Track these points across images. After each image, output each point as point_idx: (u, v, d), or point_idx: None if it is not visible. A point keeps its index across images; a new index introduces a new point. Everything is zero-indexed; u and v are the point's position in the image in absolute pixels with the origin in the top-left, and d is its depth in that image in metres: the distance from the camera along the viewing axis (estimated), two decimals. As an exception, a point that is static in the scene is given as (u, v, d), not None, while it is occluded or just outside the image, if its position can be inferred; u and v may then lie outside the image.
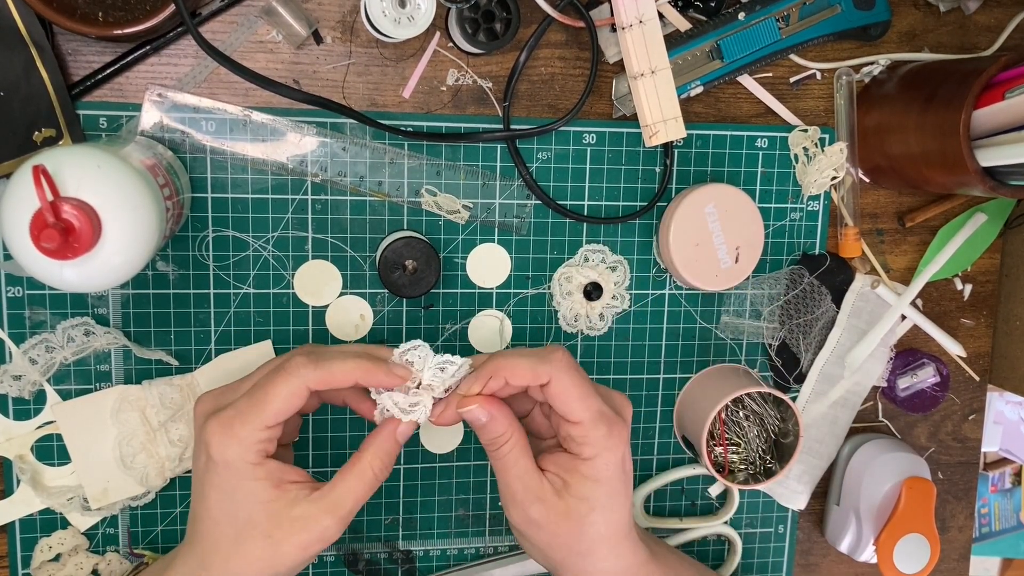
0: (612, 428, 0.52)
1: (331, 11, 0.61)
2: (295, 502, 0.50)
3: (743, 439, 0.68)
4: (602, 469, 0.52)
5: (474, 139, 0.63)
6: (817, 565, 0.76)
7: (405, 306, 0.65)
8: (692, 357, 0.70)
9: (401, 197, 0.63)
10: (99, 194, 0.47)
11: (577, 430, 0.52)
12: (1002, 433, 0.93)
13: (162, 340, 0.62)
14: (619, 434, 0.52)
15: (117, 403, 0.61)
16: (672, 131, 0.63)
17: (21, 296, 0.60)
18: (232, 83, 0.60)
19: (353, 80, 0.62)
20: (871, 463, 0.70)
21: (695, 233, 0.63)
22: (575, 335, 0.68)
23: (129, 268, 0.49)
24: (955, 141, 0.57)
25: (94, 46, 0.58)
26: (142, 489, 0.62)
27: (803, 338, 0.69)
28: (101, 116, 0.59)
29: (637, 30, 0.61)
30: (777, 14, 0.64)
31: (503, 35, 0.60)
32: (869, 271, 0.71)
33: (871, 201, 0.71)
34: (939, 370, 0.72)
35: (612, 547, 0.54)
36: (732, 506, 0.71)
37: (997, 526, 1.02)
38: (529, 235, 0.65)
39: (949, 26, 0.69)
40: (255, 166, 0.61)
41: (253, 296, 0.63)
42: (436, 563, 0.69)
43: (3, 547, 0.63)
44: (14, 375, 0.60)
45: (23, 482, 0.61)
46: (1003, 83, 0.57)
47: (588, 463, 0.52)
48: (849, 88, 0.67)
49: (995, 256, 0.73)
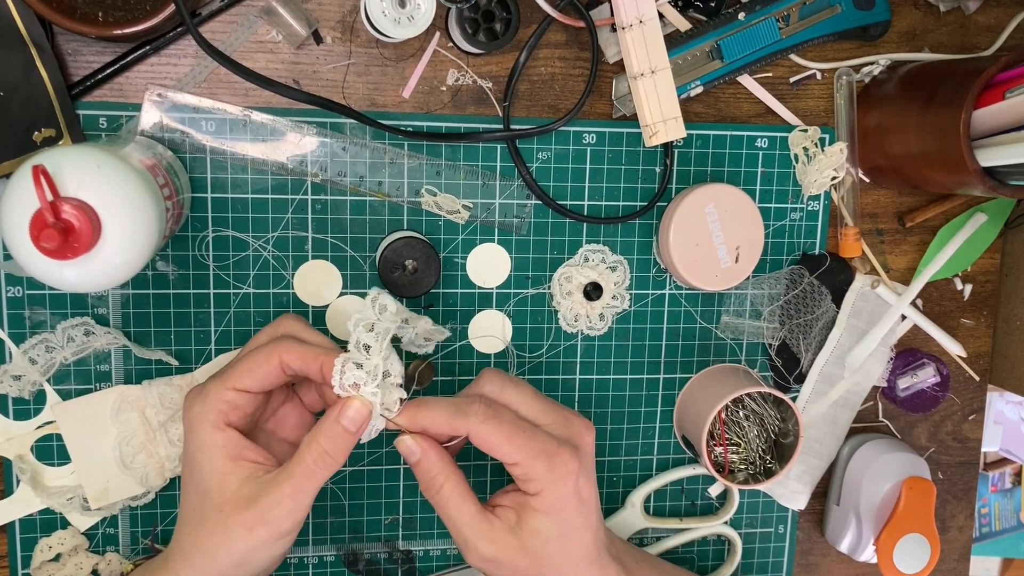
0: (553, 462, 0.51)
1: (331, 11, 0.61)
2: (246, 480, 0.50)
3: (743, 439, 0.68)
4: (551, 502, 0.52)
5: (474, 139, 0.63)
6: (817, 565, 0.76)
7: (405, 306, 0.65)
8: (692, 357, 0.70)
9: (401, 197, 0.63)
10: (99, 194, 0.47)
11: (516, 470, 0.52)
12: (1002, 433, 0.93)
13: (162, 340, 0.62)
14: (564, 465, 0.52)
15: (117, 403, 0.61)
16: (672, 131, 0.63)
17: (21, 296, 0.60)
18: (232, 83, 0.60)
19: (353, 80, 0.62)
20: (871, 463, 0.70)
21: (695, 233, 0.63)
22: (575, 335, 0.68)
23: (129, 268, 0.49)
24: (955, 141, 0.57)
25: (94, 46, 0.58)
26: (142, 489, 0.62)
27: (803, 338, 0.69)
28: (101, 116, 0.59)
29: (637, 30, 0.61)
30: (777, 14, 0.64)
31: (503, 35, 0.60)
32: (869, 271, 0.71)
33: (871, 201, 0.71)
34: (939, 370, 0.72)
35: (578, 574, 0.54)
36: (732, 506, 0.71)
37: (997, 526, 1.02)
38: (529, 235, 0.65)
39: (949, 26, 0.69)
40: (255, 166, 0.61)
41: (253, 296, 0.63)
42: (436, 563, 0.69)
43: (3, 547, 0.63)
44: (14, 375, 0.60)
45: (23, 482, 0.61)
46: (1003, 83, 0.57)
47: (536, 498, 0.52)
48: (849, 88, 0.67)
49: (995, 256, 0.73)
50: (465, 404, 0.52)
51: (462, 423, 0.51)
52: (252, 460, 0.51)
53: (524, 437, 0.51)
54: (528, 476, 0.52)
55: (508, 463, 0.52)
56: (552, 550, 0.52)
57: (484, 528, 0.52)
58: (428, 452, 0.52)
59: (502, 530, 0.52)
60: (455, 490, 0.52)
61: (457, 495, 0.52)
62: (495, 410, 0.52)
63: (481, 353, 0.66)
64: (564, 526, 0.52)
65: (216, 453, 0.50)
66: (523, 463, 0.51)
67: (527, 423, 0.53)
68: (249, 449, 0.51)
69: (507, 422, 0.52)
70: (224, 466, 0.50)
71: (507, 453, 0.51)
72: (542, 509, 0.52)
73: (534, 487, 0.52)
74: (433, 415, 0.51)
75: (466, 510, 0.52)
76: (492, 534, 0.52)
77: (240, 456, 0.50)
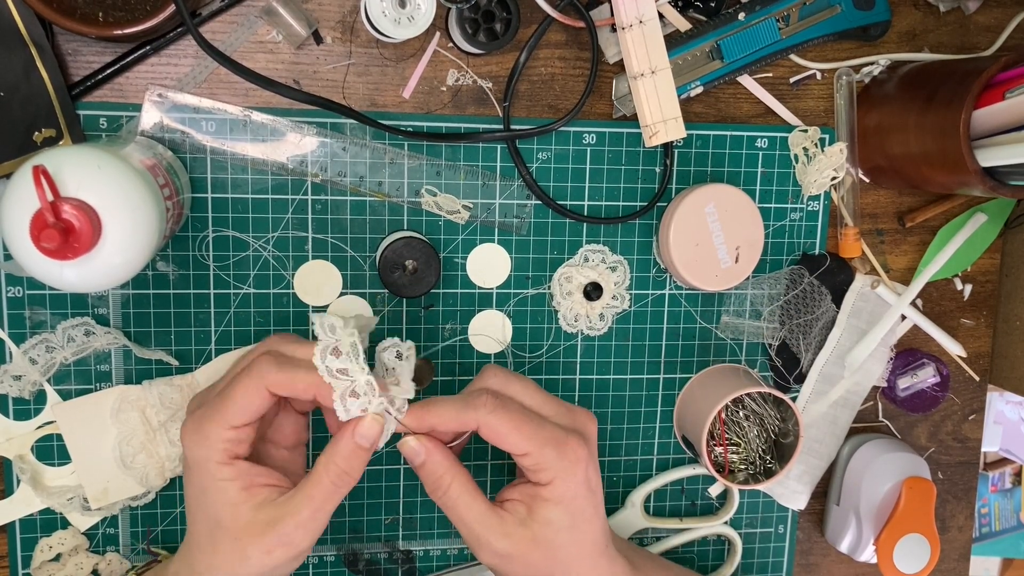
0: (563, 450, 0.51)
1: (331, 11, 0.61)
2: (262, 505, 0.49)
3: (743, 439, 0.68)
4: (562, 491, 0.52)
5: (474, 139, 0.63)
6: (817, 565, 0.76)
7: (405, 306, 0.65)
8: (692, 357, 0.70)
9: (401, 197, 0.63)
10: (99, 194, 0.47)
11: (526, 460, 0.52)
12: (1002, 433, 0.93)
13: (162, 340, 0.62)
14: (574, 453, 0.52)
15: (117, 403, 0.61)
16: (672, 131, 0.63)
17: (21, 296, 0.60)
18: (232, 83, 0.60)
19: (353, 80, 0.62)
20: (871, 463, 0.70)
21: (695, 233, 0.63)
22: (575, 335, 0.68)
23: (129, 268, 0.49)
24: (955, 141, 0.57)
25: (94, 46, 0.58)
26: (142, 489, 0.62)
27: (803, 338, 0.69)
28: (101, 116, 0.59)
29: (637, 30, 0.61)
30: (777, 14, 0.64)
31: (503, 35, 0.60)
32: (869, 271, 0.71)
33: (871, 201, 0.71)
34: (939, 370, 0.72)
35: (589, 565, 0.54)
36: (732, 506, 0.71)
37: (997, 526, 1.02)
38: (529, 235, 0.65)
39: (949, 26, 0.69)
40: (255, 166, 0.61)
41: (253, 296, 0.63)
42: (436, 563, 0.69)
43: (3, 547, 0.63)
44: (14, 375, 0.60)
45: (23, 482, 0.61)
46: (1003, 83, 0.57)
47: (548, 487, 0.52)
48: (849, 88, 0.67)
49: (995, 256, 0.73)
50: (472, 397, 0.51)
51: (471, 416, 0.51)
52: (264, 484, 0.50)
53: (533, 426, 0.51)
54: (539, 465, 0.51)
55: (518, 453, 0.52)
56: (564, 540, 0.52)
57: (496, 524, 0.51)
58: (433, 453, 0.51)
59: (513, 524, 0.52)
60: (463, 489, 0.51)
61: (466, 494, 0.51)
62: (502, 401, 0.52)
63: (481, 353, 0.66)
64: (575, 515, 0.52)
65: (227, 487, 0.49)
66: (533, 452, 0.51)
67: (534, 413, 0.53)
68: (260, 475, 0.50)
69: (515, 412, 0.51)
70: (237, 497, 0.49)
71: (517, 442, 0.51)
72: (553, 498, 0.52)
73: (545, 476, 0.51)
74: (441, 413, 0.51)
75: (476, 508, 0.51)
76: (504, 528, 0.51)
77: (252, 484, 0.50)
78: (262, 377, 0.49)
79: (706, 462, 0.65)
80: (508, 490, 0.54)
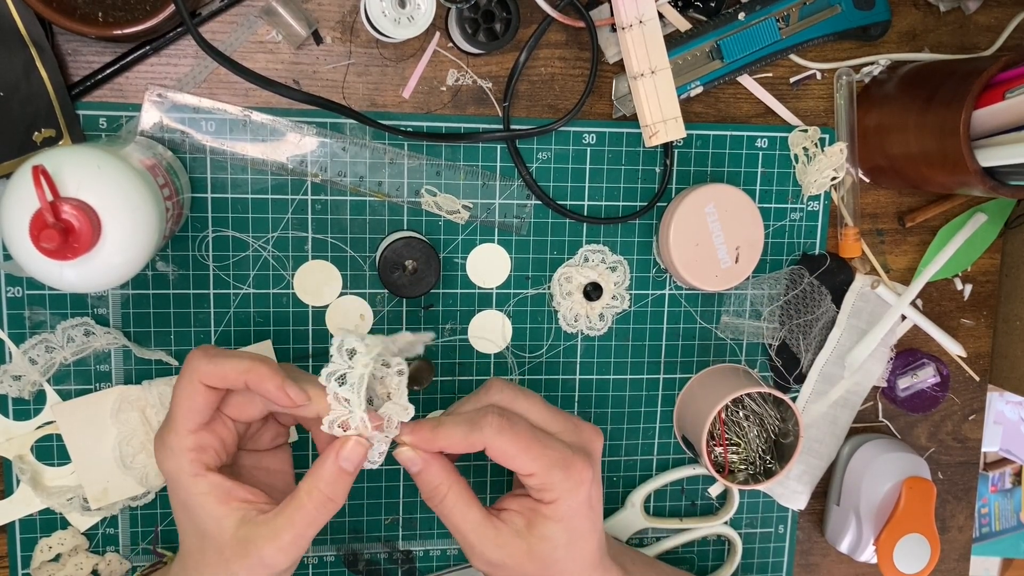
0: (569, 471, 0.51)
1: (331, 11, 0.61)
2: (241, 522, 0.48)
3: (743, 439, 0.68)
4: (564, 511, 0.51)
5: (474, 139, 0.63)
6: (817, 565, 0.76)
7: (405, 306, 0.65)
8: (692, 357, 0.70)
9: (401, 197, 0.63)
10: (99, 194, 0.47)
11: (532, 480, 0.51)
12: (1002, 433, 0.93)
13: (162, 340, 0.62)
14: (579, 473, 0.51)
15: (117, 403, 0.61)
16: (672, 131, 0.63)
17: (21, 296, 0.60)
18: (232, 83, 0.60)
19: (353, 80, 0.62)
20: (871, 463, 0.70)
21: (695, 233, 0.63)
22: (575, 335, 0.68)
23: (129, 268, 0.49)
24: (955, 141, 0.57)
25: (94, 46, 0.58)
26: (142, 489, 0.62)
27: (803, 338, 0.69)
28: (101, 116, 0.59)
29: (637, 30, 0.61)
30: (777, 14, 0.64)
31: (503, 35, 0.60)
32: (869, 271, 0.71)
33: (871, 201, 0.71)
34: (939, 370, 0.72)
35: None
36: (732, 506, 0.71)
37: (997, 526, 1.02)
38: (529, 235, 0.65)
39: (949, 26, 0.69)
40: (255, 166, 0.61)
41: (253, 296, 0.63)
42: (436, 563, 0.69)
43: (3, 547, 0.63)
44: (14, 375, 0.60)
45: (23, 482, 0.61)
46: (1003, 83, 0.57)
47: (551, 506, 0.51)
48: (849, 88, 0.67)
49: (995, 256, 0.73)
50: (478, 417, 0.51)
51: (478, 437, 0.50)
52: (242, 500, 0.49)
53: (541, 447, 0.51)
54: (544, 486, 0.51)
55: (524, 474, 0.51)
56: (560, 556, 0.52)
57: (490, 533, 0.51)
58: (430, 462, 0.51)
59: (509, 535, 0.52)
60: (459, 498, 0.51)
61: (461, 503, 0.51)
62: (510, 420, 0.51)
63: (481, 353, 0.66)
64: (573, 533, 0.52)
65: (205, 500, 0.49)
66: (540, 473, 0.50)
67: (541, 431, 0.52)
68: (236, 488, 0.49)
69: (523, 432, 0.51)
70: (217, 510, 0.49)
71: (524, 464, 0.50)
72: (554, 517, 0.51)
73: (549, 496, 0.51)
74: (449, 436, 0.50)
75: (471, 517, 0.51)
76: (499, 539, 0.51)
77: (229, 497, 0.49)
78: (195, 372, 0.49)
79: (706, 462, 0.65)
80: (508, 499, 0.54)
